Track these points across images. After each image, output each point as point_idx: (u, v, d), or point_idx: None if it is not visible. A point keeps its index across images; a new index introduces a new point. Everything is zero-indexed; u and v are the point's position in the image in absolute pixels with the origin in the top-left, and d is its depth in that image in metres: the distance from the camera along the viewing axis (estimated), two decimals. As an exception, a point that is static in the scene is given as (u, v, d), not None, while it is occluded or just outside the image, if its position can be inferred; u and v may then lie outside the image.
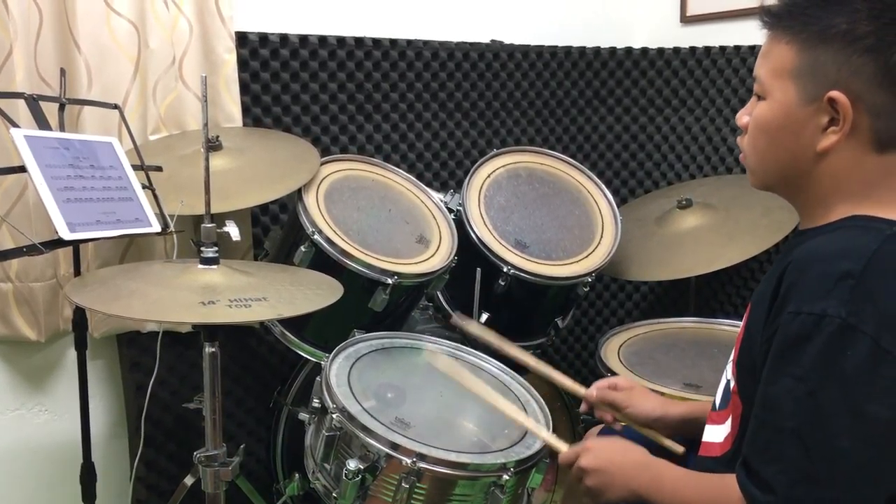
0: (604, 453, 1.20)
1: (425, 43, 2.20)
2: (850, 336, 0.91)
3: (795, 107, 1.02)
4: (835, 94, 0.98)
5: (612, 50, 2.48)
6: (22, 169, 1.31)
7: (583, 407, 1.45)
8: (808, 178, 1.05)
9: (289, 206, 1.90)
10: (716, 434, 1.17)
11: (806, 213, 1.09)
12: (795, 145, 1.04)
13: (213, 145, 1.69)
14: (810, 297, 0.93)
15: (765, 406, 0.98)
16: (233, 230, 1.46)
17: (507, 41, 2.33)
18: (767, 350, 0.98)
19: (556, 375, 1.48)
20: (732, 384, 1.12)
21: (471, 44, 2.27)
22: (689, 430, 1.30)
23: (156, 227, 1.47)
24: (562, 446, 1.30)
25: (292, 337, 1.71)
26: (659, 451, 1.27)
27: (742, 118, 1.11)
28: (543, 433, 1.35)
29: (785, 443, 0.94)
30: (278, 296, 1.36)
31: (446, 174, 2.31)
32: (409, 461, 1.28)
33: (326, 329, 1.69)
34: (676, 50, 2.44)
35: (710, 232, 2.05)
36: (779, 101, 1.04)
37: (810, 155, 1.03)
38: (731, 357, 1.15)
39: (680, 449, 1.31)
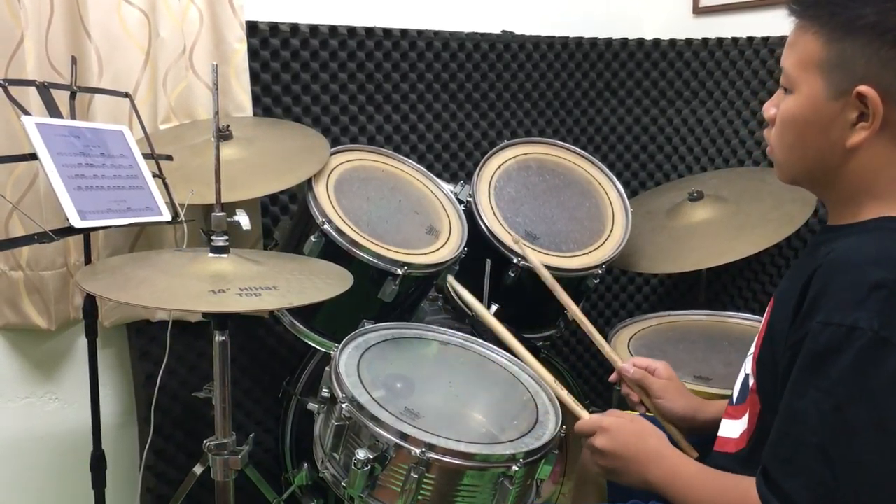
0: (621, 436, 1.17)
1: (436, 33, 2.19)
2: (882, 350, 0.88)
3: (823, 101, 0.99)
4: (864, 88, 0.95)
5: (624, 41, 2.46)
6: (33, 156, 1.32)
7: (613, 377, 1.43)
8: (838, 174, 1.01)
9: (298, 197, 1.90)
10: (732, 429, 1.15)
11: (835, 210, 1.06)
12: (824, 141, 1.00)
13: (223, 135, 1.69)
14: (841, 306, 0.90)
15: (789, 418, 0.95)
16: (243, 219, 1.46)
17: (517, 32, 2.32)
18: (792, 355, 0.96)
19: (597, 336, 1.48)
20: (752, 382, 1.09)
21: (481, 34, 2.26)
22: (715, 431, 1.25)
23: (166, 216, 1.47)
24: (583, 413, 1.27)
25: (301, 327, 1.71)
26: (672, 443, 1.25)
27: (769, 110, 1.07)
28: (565, 395, 1.34)
29: (809, 457, 0.92)
30: (288, 285, 1.36)
31: (456, 165, 2.30)
32: (418, 451, 1.27)
33: (336, 319, 1.69)
34: (689, 41, 2.42)
35: (720, 225, 2.04)
36: (806, 95, 1.00)
37: (839, 151, 1.00)
38: (752, 352, 1.12)
39: (694, 454, 1.29)
